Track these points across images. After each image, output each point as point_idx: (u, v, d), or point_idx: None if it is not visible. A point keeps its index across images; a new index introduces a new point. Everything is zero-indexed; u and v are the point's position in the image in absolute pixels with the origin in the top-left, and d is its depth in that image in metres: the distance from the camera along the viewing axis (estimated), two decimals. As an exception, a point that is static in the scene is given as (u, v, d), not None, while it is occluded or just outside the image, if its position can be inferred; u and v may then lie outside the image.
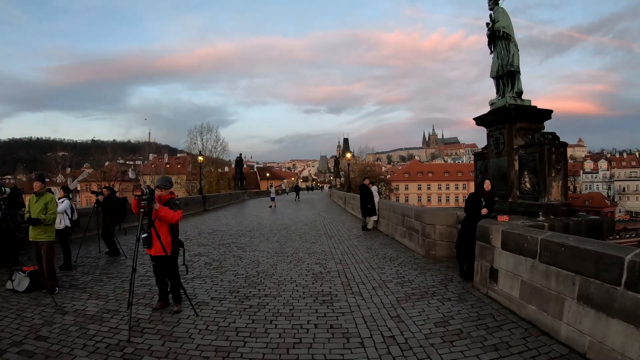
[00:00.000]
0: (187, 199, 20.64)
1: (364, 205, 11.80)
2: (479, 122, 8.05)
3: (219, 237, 10.64)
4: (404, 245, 8.99)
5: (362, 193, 11.93)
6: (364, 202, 11.80)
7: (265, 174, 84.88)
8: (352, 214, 17.74)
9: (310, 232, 11.68)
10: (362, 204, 11.87)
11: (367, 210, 11.70)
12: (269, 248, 8.83)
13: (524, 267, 4.55)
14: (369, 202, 11.68)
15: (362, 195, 11.91)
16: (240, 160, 38.90)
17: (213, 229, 12.80)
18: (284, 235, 10.82)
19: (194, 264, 7.26)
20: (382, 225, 11.46)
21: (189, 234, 11.41)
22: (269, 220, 15.71)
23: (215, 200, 26.07)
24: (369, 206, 11.68)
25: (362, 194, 11.92)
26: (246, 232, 11.79)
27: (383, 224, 11.38)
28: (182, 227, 13.58)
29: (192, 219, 16.42)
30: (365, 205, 11.71)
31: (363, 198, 11.86)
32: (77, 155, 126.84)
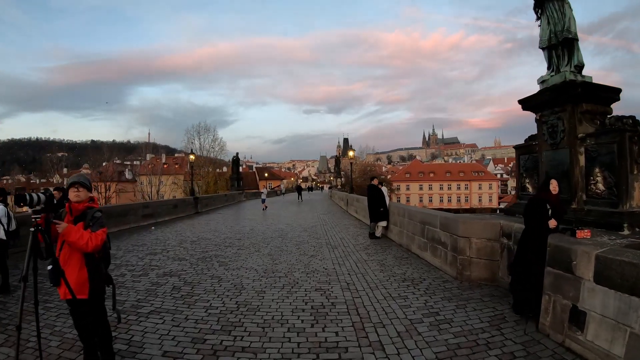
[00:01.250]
0: (176, 201, 18.98)
1: (373, 209, 10.12)
2: (526, 106, 6.37)
3: (202, 248, 8.96)
4: (424, 261, 7.30)
5: (371, 195, 10.26)
6: (373, 206, 10.13)
7: (264, 174, 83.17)
8: (356, 218, 16.07)
9: (309, 240, 10.00)
10: (371, 208, 10.19)
11: (379, 214, 10.03)
12: (258, 264, 7.14)
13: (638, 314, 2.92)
14: (380, 205, 10.01)
15: (371, 198, 10.24)
16: (237, 159, 37.17)
17: (198, 236, 11.12)
18: (278, 246, 9.13)
19: (158, 289, 5.57)
20: (394, 232, 9.79)
21: (167, 244, 9.74)
22: (263, 225, 14.02)
23: (209, 202, 24.39)
24: (381, 209, 10.01)
25: (371, 195, 10.26)
26: (235, 240, 10.11)
27: (395, 232, 9.71)
28: (164, 235, 11.99)
29: (179, 224, 14.74)
30: (376, 209, 10.04)
31: (372, 200, 10.19)
32: (77, 155, 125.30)
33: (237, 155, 37.28)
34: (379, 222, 10.15)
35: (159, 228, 13.52)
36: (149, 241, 10.32)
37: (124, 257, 8.00)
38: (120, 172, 76.53)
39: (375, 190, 10.25)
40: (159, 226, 14.05)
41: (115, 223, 12.98)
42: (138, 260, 7.74)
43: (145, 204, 15.74)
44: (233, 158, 37.51)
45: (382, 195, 10.17)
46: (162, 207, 16.82)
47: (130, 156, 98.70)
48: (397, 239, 9.46)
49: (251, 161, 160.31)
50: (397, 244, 9.26)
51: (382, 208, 10.04)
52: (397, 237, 9.52)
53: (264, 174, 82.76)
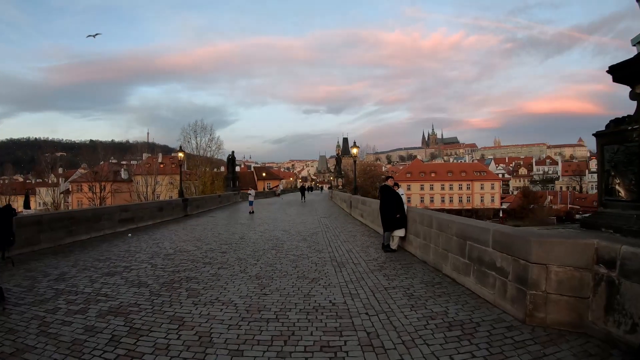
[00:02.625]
0: (161, 203, 17.08)
1: (388, 216, 8.26)
2: (620, 74, 4.52)
3: (174, 266, 7.08)
4: (466, 289, 5.44)
5: (385, 198, 8.40)
6: (388, 211, 8.26)
7: (262, 174, 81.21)
8: (362, 223, 14.21)
9: (309, 254, 8.12)
10: (385, 214, 8.33)
11: (394, 222, 8.18)
12: (240, 294, 5.24)
13: None
14: (397, 211, 8.15)
15: (385, 202, 8.38)
16: (233, 158, 35.18)
17: (176, 247, 9.24)
18: (270, 262, 7.24)
19: (87, 344, 3.72)
20: (414, 245, 7.93)
21: (135, 258, 7.88)
22: (256, 232, 12.15)
23: (200, 203, 22.50)
24: (398, 216, 8.16)
25: (385, 199, 8.39)
26: (218, 254, 8.22)
27: (416, 245, 7.85)
28: (138, 244, 9.98)
29: (162, 230, 12.87)
30: (392, 215, 8.18)
31: (386, 205, 8.33)
32: (75, 155, 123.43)
33: (232, 154, 35.29)
34: (395, 232, 8.29)
35: (137, 235, 11.68)
36: (116, 254, 8.48)
37: (72, 280, 6.16)
38: (115, 171, 74.78)
39: (390, 193, 8.39)
40: (138, 233, 12.21)
41: (86, 229, 11.16)
42: (87, 284, 5.89)
43: (124, 207, 13.86)
44: (228, 157, 35.52)
45: (398, 199, 8.32)
46: (144, 210, 14.94)
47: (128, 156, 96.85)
48: (420, 254, 7.60)
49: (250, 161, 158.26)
50: (420, 260, 7.40)
51: (398, 214, 8.18)
52: (419, 252, 7.65)
53: (262, 174, 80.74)
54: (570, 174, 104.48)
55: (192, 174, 54.34)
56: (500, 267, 4.78)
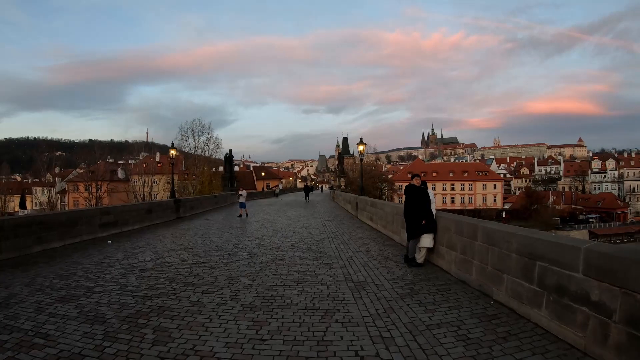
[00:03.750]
0: (149, 205, 15.59)
1: (414, 222, 6.80)
2: None
3: (147, 289, 5.59)
4: (536, 325, 3.98)
5: (411, 200, 6.94)
6: (414, 215, 6.80)
7: (261, 173, 79.62)
8: (371, 227, 12.74)
9: (317, 269, 6.64)
10: (412, 219, 6.86)
11: (420, 228, 6.72)
12: (225, 343, 3.70)
13: None
14: (423, 215, 6.70)
15: (411, 204, 6.92)
16: (230, 156, 33.63)
17: (157, 259, 7.75)
18: (268, 284, 5.74)
19: None
20: (447, 259, 6.47)
21: (104, 275, 6.40)
22: (253, 238, 10.67)
23: (194, 204, 21.00)
24: (423, 222, 6.70)
25: (411, 201, 6.94)
26: (206, 269, 6.72)
27: (450, 258, 6.38)
28: (116, 255, 8.10)
29: (147, 236, 11.40)
30: (417, 221, 6.72)
31: (412, 208, 6.87)
32: (74, 155, 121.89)
33: (230, 152, 33.73)
34: (422, 241, 6.83)
35: (118, 242, 10.22)
36: (85, 268, 7.03)
37: (16, 307, 4.77)
38: (112, 171, 73.33)
39: (418, 194, 6.93)
40: (120, 239, 10.77)
41: (60, 235, 9.72)
42: (31, 316, 4.46)
43: (105, 210, 12.36)
44: (226, 155, 33.96)
45: (427, 201, 6.86)
46: (130, 212, 13.45)
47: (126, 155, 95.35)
48: (455, 270, 6.13)
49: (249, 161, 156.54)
50: (456, 279, 5.95)
51: (424, 220, 6.72)
52: (454, 268, 6.19)
53: (261, 174, 79.14)
54: (572, 174, 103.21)
55: (190, 174, 52.90)
56: (598, 302, 3.34)
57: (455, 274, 6.17)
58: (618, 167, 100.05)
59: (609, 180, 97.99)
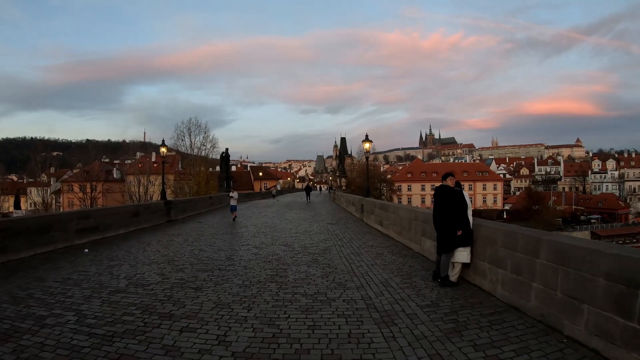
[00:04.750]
0: (136, 207, 14.22)
1: (447, 230, 5.53)
2: None
3: (110, 323, 4.28)
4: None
5: (444, 204, 5.69)
6: (447, 224, 5.53)
7: (258, 173, 78.25)
8: (381, 232, 11.49)
9: (329, 291, 5.35)
10: (444, 228, 5.59)
11: (456, 240, 5.47)
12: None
13: None
14: (459, 224, 5.44)
15: (443, 209, 5.67)
16: (227, 156, 32.24)
17: (133, 276, 6.42)
18: (268, 316, 4.40)
19: None
20: (491, 277, 5.21)
21: (66, 299, 5.12)
22: (249, 246, 9.37)
23: (187, 206, 19.64)
24: (459, 233, 5.44)
25: (444, 205, 5.68)
26: (190, 292, 5.39)
27: (495, 277, 5.11)
28: (86, 269, 6.72)
29: (130, 244, 10.09)
30: (452, 231, 5.46)
31: (445, 213, 5.62)
32: (71, 155, 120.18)
33: (226, 151, 32.35)
34: (457, 255, 5.57)
35: (96, 251, 8.96)
36: (46, 287, 5.77)
37: None
38: (107, 171, 71.90)
39: (452, 197, 5.67)
40: (100, 247, 9.52)
41: (28, 243, 8.45)
42: None
43: (84, 213, 11.03)
44: (222, 154, 32.56)
45: (463, 206, 5.61)
46: (113, 216, 12.11)
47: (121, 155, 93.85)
48: (502, 292, 4.88)
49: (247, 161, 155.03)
50: (506, 303, 4.70)
51: (460, 230, 5.46)
52: (502, 290, 4.93)
53: (259, 174, 77.76)
54: (572, 175, 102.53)
55: (186, 174, 51.55)
56: None
57: (503, 297, 4.91)
58: (618, 167, 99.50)
59: (610, 181, 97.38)
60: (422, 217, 8.00)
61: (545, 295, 4.21)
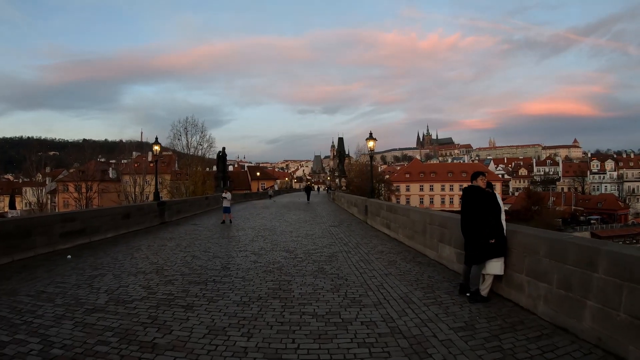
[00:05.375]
0: (127, 209, 13.37)
1: (478, 238, 4.78)
2: None
3: (78, 355, 3.52)
4: None
5: (474, 207, 4.95)
6: (478, 229, 4.79)
7: (256, 173, 77.34)
8: (388, 235, 10.75)
9: (341, 310, 4.57)
10: (474, 235, 4.84)
11: (489, 250, 4.72)
12: None
13: None
14: (492, 231, 4.71)
15: (473, 213, 4.93)
16: (223, 155, 31.37)
17: (114, 292, 5.59)
18: (273, 345, 3.61)
19: None
20: (529, 292, 4.46)
21: (34, 320, 4.34)
22: (247, 253, 8.59)
23: (182, 207, 18.80)
24: (491, 241, 4.70)
25: (474, 208, 4.94)
26: (178, 312, 4.56)
27: (536, 292, 4.36)
28: (65, 280, 5.93)
29: (117, 249, 9.28)
30: (484, 239, 4.72)
31: (475, 219, 4.88)
32: (67, 155, 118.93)
33: (223, 150, 31.45)
34: (489, 267, 4.83)
35: (81, 257, 8.21)
36: (15, 302, 5.02)
37: None
38: (103, 171, 70.87)
39: (483, 199, 4.94)
40: (86, 252, 8.78)
41: (5, 249, 7.68)
42: None
43: (69, 215, 10.19)
44: (219, 153, 31.67)
45: (496, 210, 4.87)
46: (101, 218, 11.29)
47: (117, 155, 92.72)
48: (547, 309, 4.14)
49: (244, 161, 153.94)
50: (549, 322, 3.97)
51: (493, 239, 4.71)
52: (543, 306, 4.19)
53: (256, 174, 76.85)
54: (571, 175, 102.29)
55: (183, 174, 50.62)
56: None
57: (546, 315, 4.18)
58: (617, 168, 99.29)
59: (608, 182, 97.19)
60: (439, 220, 7.25)
61: (603, 316, 3.49)
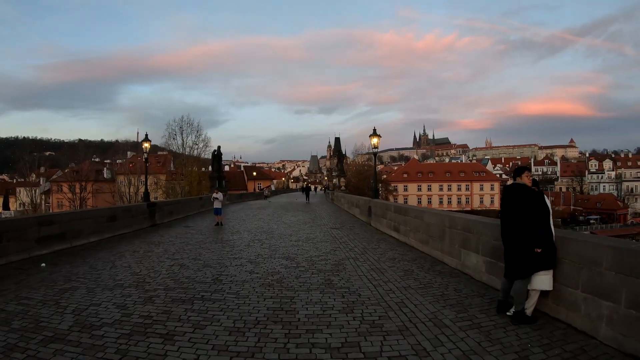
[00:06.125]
0: (113, 211, 12.39)
1: (523, 246, 3.88)
2: None
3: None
4: None
5: (518, 207, 4.03)
6: (523, 236, 3.89)
7: (252, 173, 76.30)
8: (397, 239, 9.88)
9: (361, 340, 3.66)
10: (517, 242, 3.94)
11: (536, 261, 3.84)
12: None
13: None
14: (540, 239, 3.82)
15: (516, 216, 4.01)
16: (219, 154, 30.37)
17: (82, 313, 4.63)
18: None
19: None
20: (585, 309, 3.58)
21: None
22: (242, 261, 7.66)
23: (174, 208, 17.78)
24: (537, 250, 3.82)
25: (518, 208, 4.02)
26: (154, 346, 3.63)
27: (596, 311, 3.49)
28: (32, 294, 4.94)
29: (100, 255, 8.33)
30: (531, 246, 3.83)
31: (518, 223, 3.97)
32: (62, 154, 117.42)
33: (218, 149, 30.44)
34: (535, 281, 3.95)
35: (56, 265, 7.33)
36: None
37: None
38: (98, 171, 69.64)
39: (531, 199, 4.03)
40: (64, 259, 7.90)
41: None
42: None
43: (46, 218, 9.20)
44: (214, 152, 30.66)
45: (544, 212, 3.98)
46: (84, 221, 10.32)
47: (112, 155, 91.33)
48: (612, 333, 3.25)
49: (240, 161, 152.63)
50: (616, 349, 3.09)
51: (540, 247, 3.83)
52: (606, 329, 3.30)
53: (252, 174, 75.80)
54: (569, 175, 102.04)
55: (178, 174, 49.65)
56: None
57: (611, 340, 3.31)
58: (615, 167, 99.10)
59: (607, 181, 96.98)
60: (461, 224, 6.37)
61: None
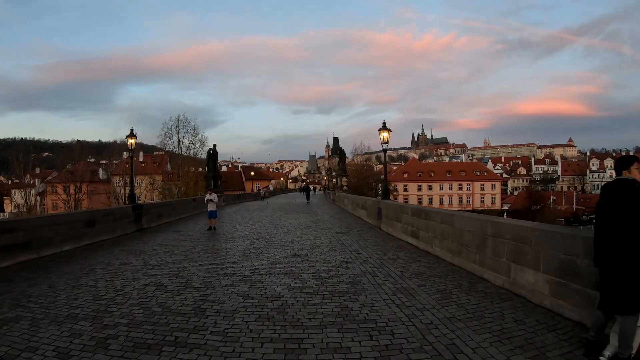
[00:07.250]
0: (93, 214, 10.99)
1: (628, 267, 2.52)
2: None
3: None
4: None
5: (625, 210, 2.65)
6: (627, 253, 2.55)
7: (250, 173, 74.88)
8: (414, 246, 8.53)
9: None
10: (621, 260, 2.58)
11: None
12: None
13: None
14: None
15: (623, 220, 2.64)
16: (214, 153, 28.91)
17: (17, 355, 3.33)
18: None
19: None
20: None
21: None
22: (234, 279, 6.28)
23: (163, 211, 16.29)
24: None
25: (626, 212, 2.65)
26: None
27: None
28: None
29: (69, 268, 6.95)
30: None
31: (627, 229, 2.60)
32: (58, 155, 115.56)
33: (214, 148, 28.98)
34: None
35: (13, 281, 6.00)
36: None
37: None
38: (93, 171, 68.29)
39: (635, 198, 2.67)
40: (26, 272, 6.56)
41: None
42: None
43: (6, 225, 7.78)
44: (209, 152, 29.19)
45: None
46: (55, 227, 8.90)
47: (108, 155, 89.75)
48: None
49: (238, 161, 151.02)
50: None
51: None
52: None
53: (250, 174, 74.39)
54: (570, 174, 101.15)
55: (175, 174, 48.38)
56: None
57: None
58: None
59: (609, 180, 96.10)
60: (511, 232, 5.00)
61: None
